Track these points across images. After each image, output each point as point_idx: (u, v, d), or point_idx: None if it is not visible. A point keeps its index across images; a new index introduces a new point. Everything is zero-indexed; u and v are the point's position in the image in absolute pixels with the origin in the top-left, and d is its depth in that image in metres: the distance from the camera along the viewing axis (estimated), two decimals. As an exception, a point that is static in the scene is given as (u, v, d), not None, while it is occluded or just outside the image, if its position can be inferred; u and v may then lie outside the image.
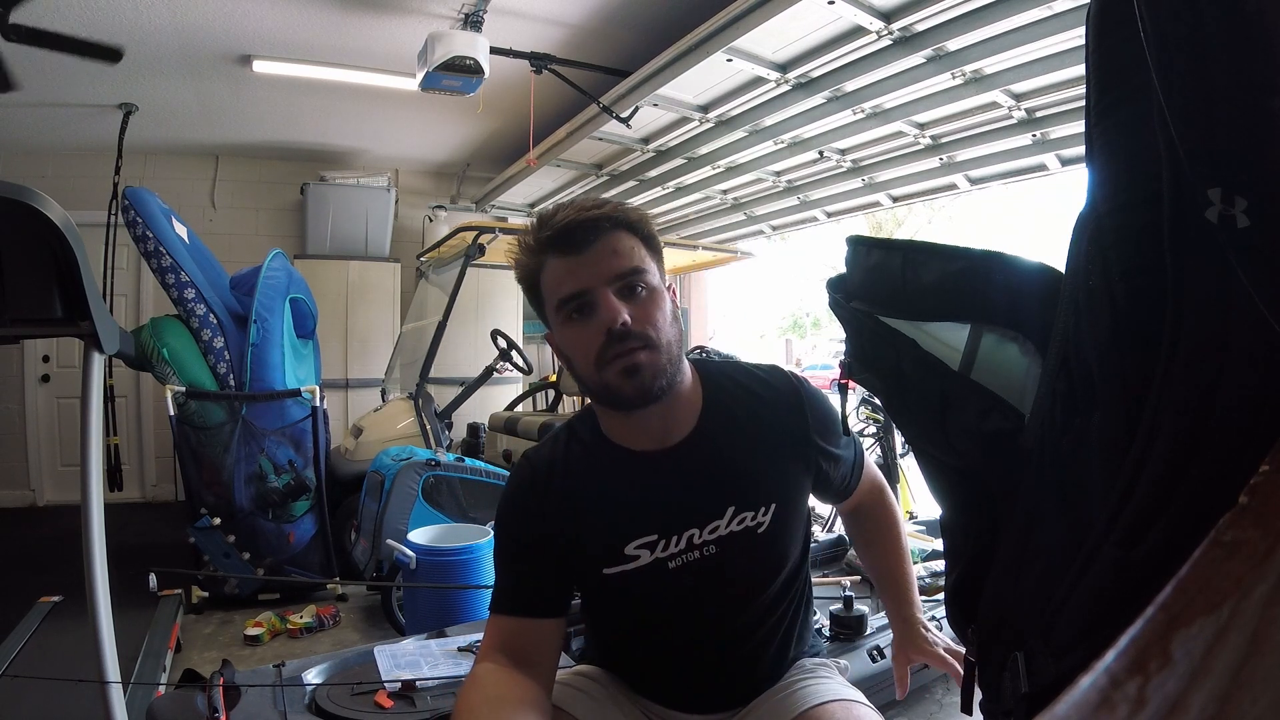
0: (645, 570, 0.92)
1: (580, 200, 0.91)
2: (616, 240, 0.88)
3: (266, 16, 3.11)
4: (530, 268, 0.91)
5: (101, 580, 1.40)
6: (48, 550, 3.57)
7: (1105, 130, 0.53)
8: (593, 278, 0.86)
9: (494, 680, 0.86)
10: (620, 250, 0.88)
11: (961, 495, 0.76)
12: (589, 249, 0.87)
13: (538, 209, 0.81)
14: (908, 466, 3.29)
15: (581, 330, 0.87)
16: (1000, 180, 3.55)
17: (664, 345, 0.87)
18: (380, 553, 2.65)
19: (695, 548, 0.92)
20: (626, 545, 0.91)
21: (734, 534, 0.93)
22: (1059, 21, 2.17)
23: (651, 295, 0.88)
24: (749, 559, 0.94)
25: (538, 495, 0.95)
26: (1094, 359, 0.55)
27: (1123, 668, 0.25)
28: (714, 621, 0.96)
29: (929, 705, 2.10)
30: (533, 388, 4.77)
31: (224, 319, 3.05)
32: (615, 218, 0.89)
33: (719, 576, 0.93)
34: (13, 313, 1.27)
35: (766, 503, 0.94)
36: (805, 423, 0.98)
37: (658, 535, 0.92)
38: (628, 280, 0.87)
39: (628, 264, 0.87)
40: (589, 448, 0.96)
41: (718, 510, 0.92)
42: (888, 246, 0.76)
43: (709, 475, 0.93)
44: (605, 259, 0.87)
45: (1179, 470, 0.47)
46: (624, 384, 0.86)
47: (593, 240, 0.87)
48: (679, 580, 0.92)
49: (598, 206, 0.89)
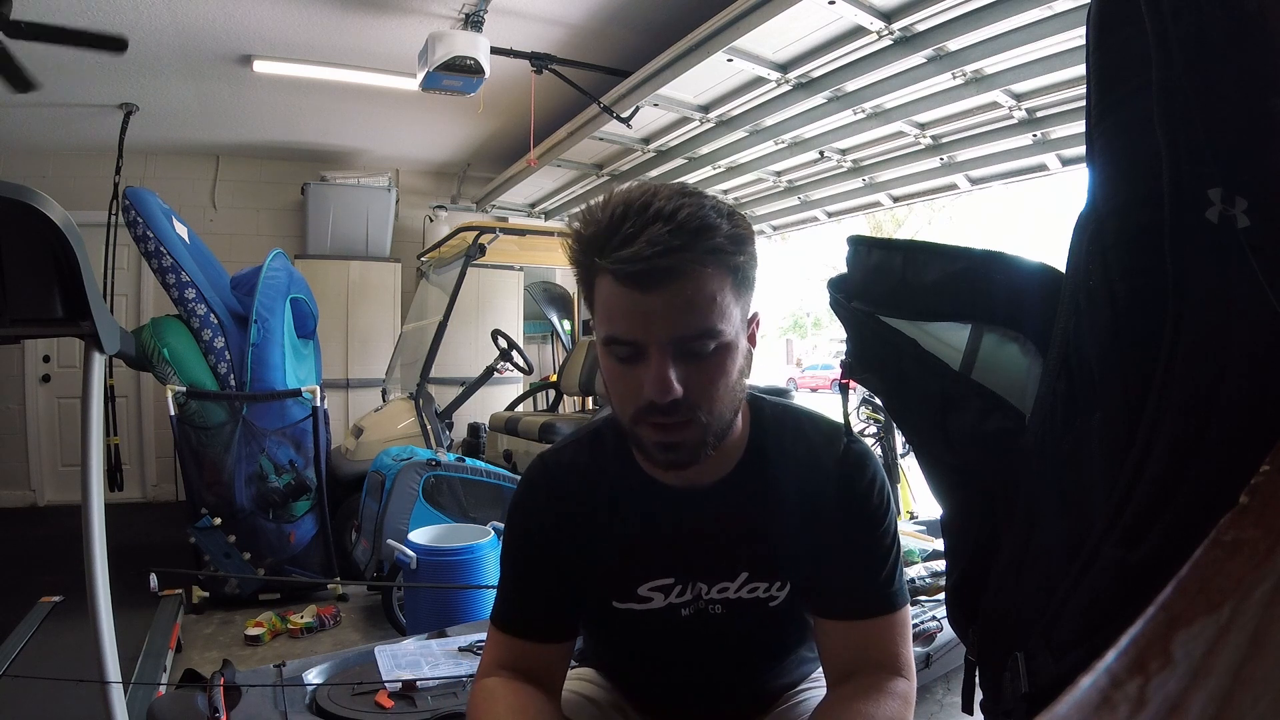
0: (657, 614, 0.83)
1: (661, 204, 0.67)
2: (696, 286, 0.68)
3: (267, 16, 3.11)
4: (584, 265, 0.73)
5: (102, 580, 1.40)
6: (48, 550, 3.56)
7: (1106, 130, 0.53)
8: (649, 330, 0.68)
9: (509, 692, 0.78)
10: (696, 303, 0.68)
11: (962, 495, 0.76)
12: (655, 291, 0.67)
13: (582, 209, 0.71)
14: (908, 466, 3.29)
15: (624, 376, 0.72)
16: (1001, 180, 3.55)
17: (715, 417, 0.72)
18: (381, 553, 2.66)
19: (703, 601, 0.82)
20: (640, 585, 0.82)
21: (743, 601, 0.82)
22: (1059, 21, 2.17)
23: (719, 357, 0.71)
24: (760, 630, 0.84)
25: (552, 502, 0.84)
26: (1094, 359, 0.55)
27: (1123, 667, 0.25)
28: (722, 672, 0.89)
29: (929, 705, 2.10)
30: (533, 388, 4.78)
31: (225, 319, 3.05)
32: (702, 251, 0.67)
33: (721, 640, 0.84)
34: (13, 313, 1.27)
35: (783, 578, 0.81)
36: (841, 494, 0.81)
37: (674, 580, 0.82)
38: (695, 344, 0.69)
39: (700, 324, 0.69)
40: (615, 465, 0.84)
41: (728, 572, 0.81)
42: (888, 247, 0.76)
43: (729, 531, 0.81)
44: (674, 311, 0.68)
45: (1179, 470, 0.47)
46: (655, 454, 0.74)
47: (664, 283, 0.67)
48: (690, 629, 0.83)
49: (685, 233, 0.66)
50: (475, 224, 3.65)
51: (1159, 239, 0.47)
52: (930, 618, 2.12)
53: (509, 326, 4.91)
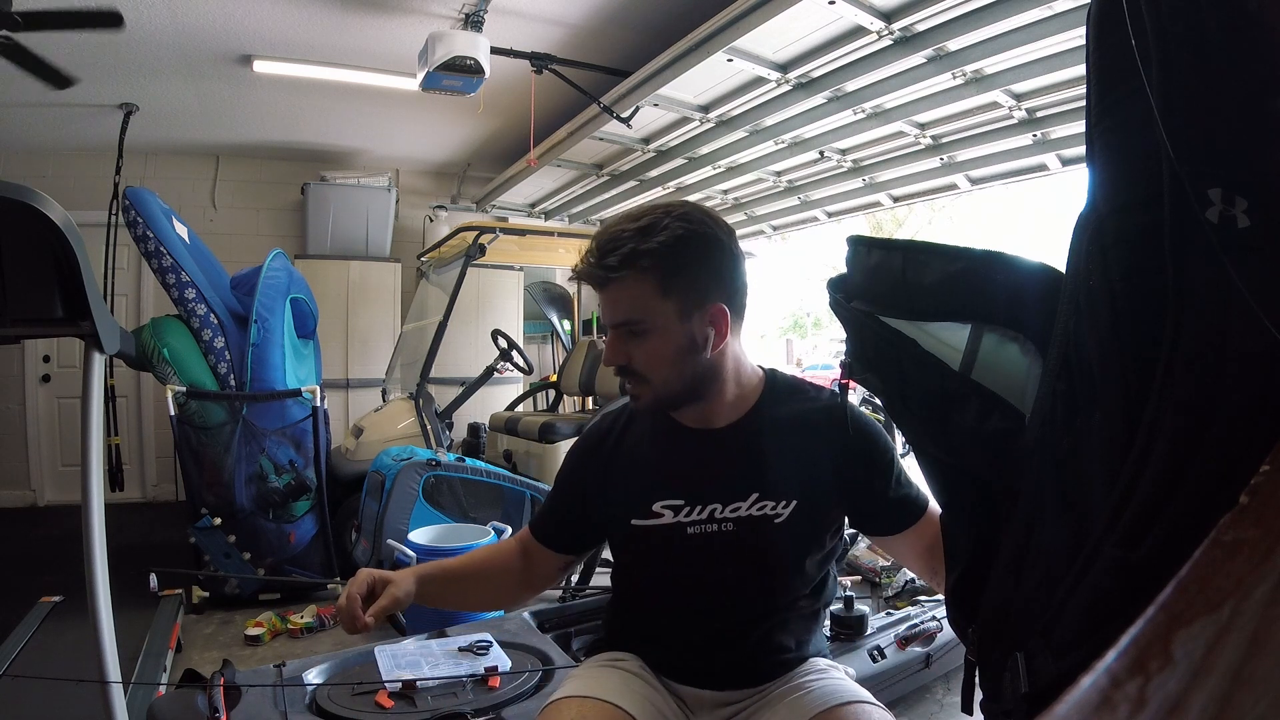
0: (666, 529, 1.01)
1: (611, 232, 0.97)
2: (620, 288, 0.96)
3: (267, 16, 3.11)
4: None
5: (102, 580, 1.40)
6: (48, 550, 3.57)
7: (1106, 130, 0.53)
8: (605, 316, 1.01)
9: (498, 547, 1.17)
10: (622, 299, 0.96)
11: (962, 495, 0.76)
12: (603, 289, 0.98)
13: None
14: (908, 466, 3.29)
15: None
16: (1001, 180, 3.55)
17: (661, 382, 0.98)
18: (381, 552, 2.66)
19: (715, 521, 1.00)
20: (654, 503, 1.01)
21: (752, 518, 1.00)
22: (1059, 21, 2.17)
23: (650, 339, 0.96)
24: (764, 544, 1.00)
25: (598, 445, 1.10)
26: (1095, 359, 0.55)
27: (1123, 668, 0.25)
28: (727, 594, 1.02)
29: (929, 705, 2.10)
30: (533, 388, 4.78)
31: (225, 319, 3.05)
32: (626, 261, 0.94)
33: (734, 552, 1.00)
34: (13, 313, 1.27)
35: (788, 498, 1.00)
36: (845, 436, 1.03)
37: (683, 501, 1.01)
38: (630, 327, 0.96)
39: (628, 314, 0.96)
40: (647, 415, 1.08)
41: (742, 493, 1.00)
42: (888, 247, 0.76)
43: (742, 460, 1.01)
44: (610, 304, 0.98)
45: (1179, 470, 0.47)
46: (632, 402, 1.03)
47: (604, 284, 0.97)
48: (696, 546, 1.00)
49: (617, 250, 0.94)
50: (475, 224, 3.65)
51: (1159, 239, 0.47)
52: (930, 618, 2.12)
53: (509, 326, 4.91)
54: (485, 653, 1.63)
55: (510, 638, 1.74)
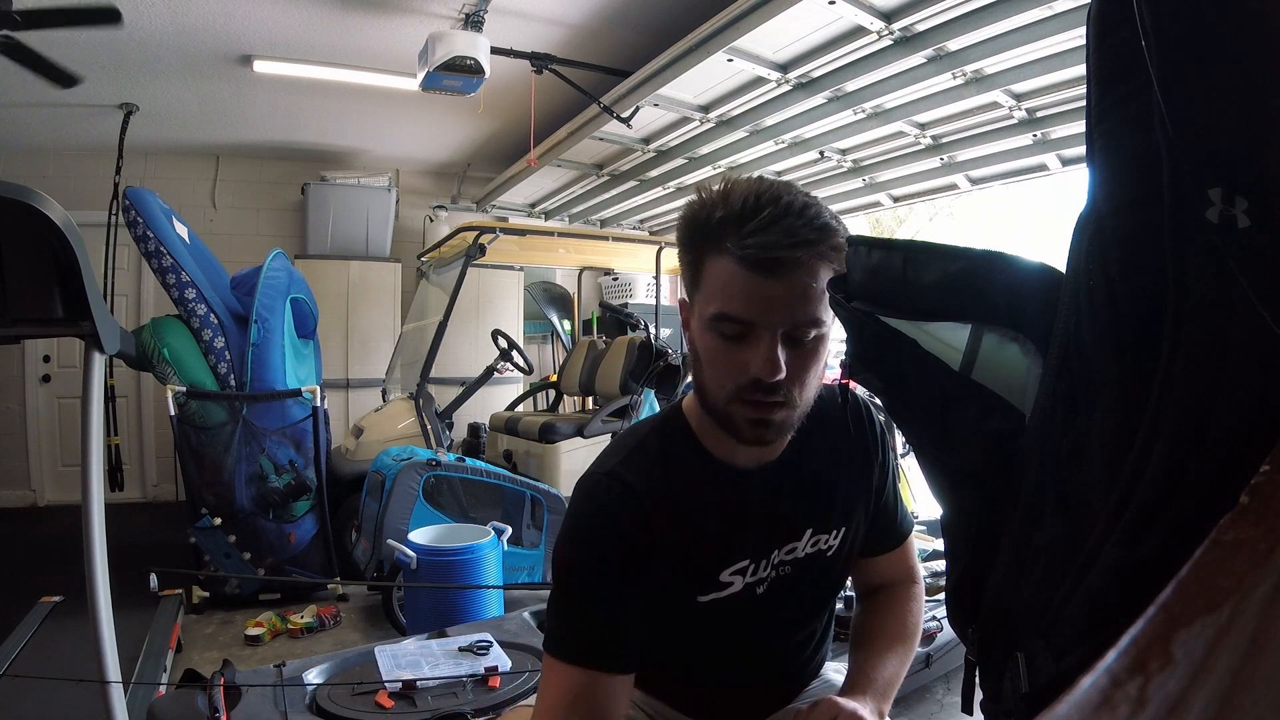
0: (737, 597, 0.86)
1: (792, 205, 0.74)
2: (813, 278, 0.75)
3: (266, 16, 3.11)
4: (698, 247, 0.78)
5: (102, 580, 1.40)
6: (48, 550, 3.56)
7: (1106, 130, 0.53)
8: (766, 313, 0.74)
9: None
10: (810, 293, 0.75)
11: (962, 495, 0.75)
12: (777, 278, 0.74)
13: (698, 184, 0.71)
14: (908, 466, 3.29)
15: (727, 353, 0.77)
16: (1001, 180, 3.55)
17: (804, 401, 0.80)
18: (381, 553, 2.66)
19: (774, 568, 0.88)
20: (723, 571, 0.85)
21: (809, 556, 0.89)
22: (1059, 21, 2.17)
23: (817, 345, 0.78)
24: (817, 578, 0.91)
25: (642, 518, 0.82)
26: (1094, 359, 0.55)
27: (1124, 667, 0.25)
28: (779, 638, 0.94)
29: (929, 705, 2.10)
30: (533, 388, 4.78)
31: (225, 319, 3.05)
32: (824, 249, 0.75)
33: (789, 598, 0.90)
34: (13, 313, 1.27)
35: (838, 526, 0.91)
36: (869, 436, 0.94)
37: (749, 560, 0.86)
38: (803, 330, 0.76)
39: (812, 313, 0.75)
40: (687, 460, 0.86)
41: (797, 532, 0.88)
42: (888, 246, 0.75)
43: (796, 495, 0.88)
44: (791, 300, 0.74)
45: (1180, 470, 0.47)
46: (746, 430, 0.79)
47: (787, 272, 0.74)
48: (762, 603, 0.88)
49: (809, 227, 0.74)
50: (475, 224, 3.65)
51: (1159, 239, 0.47)
52: (930, 618, 2.12)
53: (509, 326, 4.91)
54: (485, 653, 1.63)
55: (510, 638, 1.74)
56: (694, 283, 0.80)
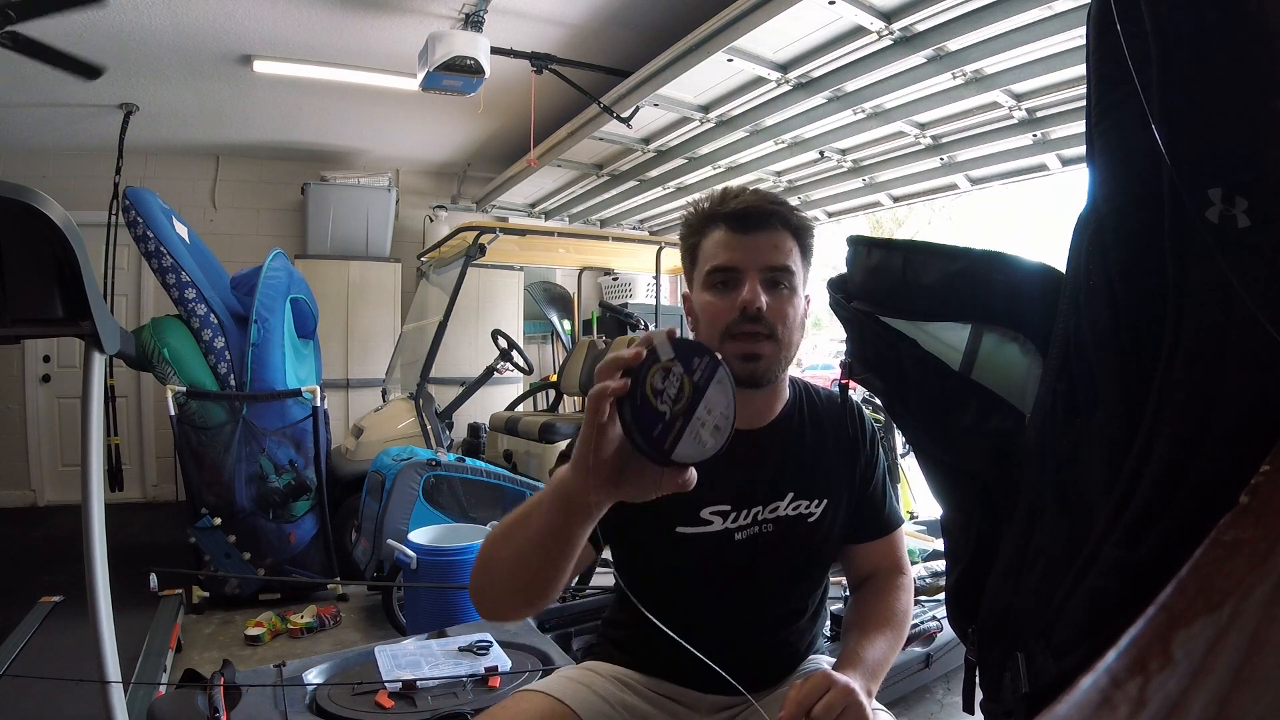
0: (715, 536, 0.98)
1: (763, 191, 1.00)
2: (780, 237, 0.96)
3: (266, 16, 3.11)
4: (697, 230, 1.00)
5: (102, 580, 1.40)
6: (48, 550, 3.57)
7: (1106, 130, 0.53)
8: (748, 260, 0.95)
9: None
10: (780, 247, 0.96)
11: (962, 495, 0.76)
12: (754, 234, 0.95)
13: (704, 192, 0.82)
14: (908, 466, 3.29)
15: (720, 300, 0.95)
16: (1001, 180, 3.55)
17: (786, 342, 0.95)
18: (381, 553, 2.65)
19: (757, 523, 1.00)
20: (703, 509, 0.98)
21: (789, 517, 1.01)
22: (1059, 21, 2.17)
23: (792, 295, 0.96)
24: (798, 543, 1.02)
25: None
26: (1094, 359, 0.55)
27: (1124, 667, 0.25)
28: (759, 595, 1.02)
29: (929, 705, 2.10)
30: (533, 388, 4.78)
31: (225, 319, 3.05)
32: (787, 218, 0.97)
33: (773, 553, 1.00)
34: (14, 313, 1.27)
35: (819, 496, 1.02)
36: (858, 431, 1.07)
37: (730, 506, 0.99)
38: (777, 274, 0.95)
39: (782, 260, 0.95)
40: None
41: (780, 492, 1.00)
42: (888, 247, 0.76)
43: (779, 460, 1.02)
44: (765, 249, 0.95)
45: (1179, 470, 0.47)
46: (739, 366, 0.93)
47: (761, 228, 0.95)
48: (740, 551, 0.99)
49: (776, 202, 0.97)
50: (475, 224, 3.65)
51: (1159, 239, 0.47)
52: (930, 618, 2.12)
53: (509, 326, 4.91)
54: (485, 653, 1.63)
55: (510, 638, 1.74)
56: (693, 262, 1.01)
